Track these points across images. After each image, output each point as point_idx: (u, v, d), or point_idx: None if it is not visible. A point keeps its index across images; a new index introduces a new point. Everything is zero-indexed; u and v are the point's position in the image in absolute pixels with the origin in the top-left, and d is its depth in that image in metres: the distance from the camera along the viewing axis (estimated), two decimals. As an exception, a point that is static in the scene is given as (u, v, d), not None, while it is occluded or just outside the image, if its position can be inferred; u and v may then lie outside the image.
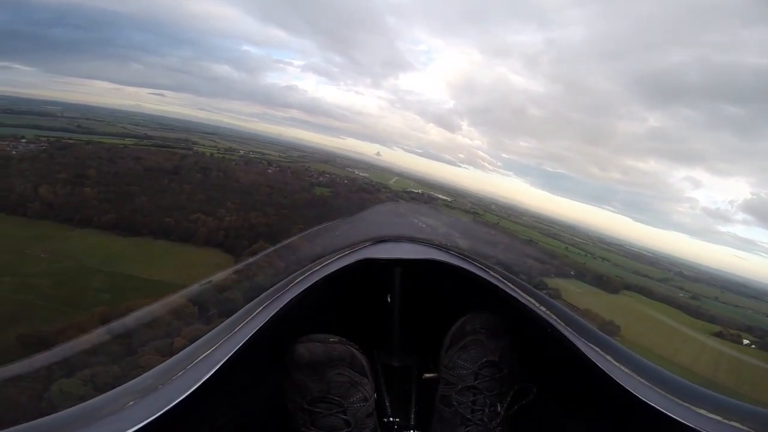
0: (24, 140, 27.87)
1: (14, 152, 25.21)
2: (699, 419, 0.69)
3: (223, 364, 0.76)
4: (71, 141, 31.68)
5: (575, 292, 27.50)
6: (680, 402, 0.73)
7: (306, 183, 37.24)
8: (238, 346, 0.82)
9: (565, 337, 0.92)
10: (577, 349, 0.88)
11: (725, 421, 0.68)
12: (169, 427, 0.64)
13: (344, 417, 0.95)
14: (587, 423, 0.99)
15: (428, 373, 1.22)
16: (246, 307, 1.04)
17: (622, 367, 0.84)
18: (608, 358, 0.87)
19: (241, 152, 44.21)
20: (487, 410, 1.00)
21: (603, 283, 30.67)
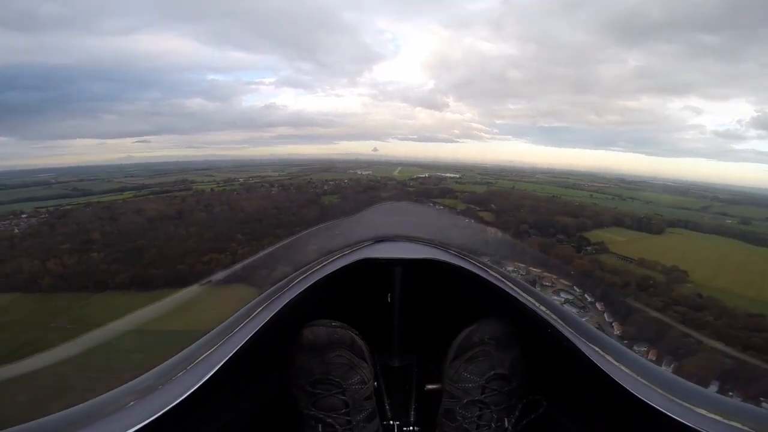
0: (24, 215, 27.51)
1: (17, 230, 24.80)
2: (699, 419, 0.68)
3: (223, 364, 0.76)
4: (69, 206, 31.36)
5: (620, 242, 26.16)
6: (680, 402, 0.73)
7: (312, 195, 36.55)
8: (238, 347, 0.81)
9: (565, 337, 0.89)
10: (578, 349, 0.86)
11: (725, 421, 0.67)
12: (169, 427, 0.64)
13: (343, 398, 0.96)
14: (587, 422, 0.96)
15: (430, 382, 1.21)
16: (246, 307, 1.03)
17: (622, 367, 0.83)
18: (608, 358, 0.86)
19: (241, 180, 44.12)
20: (493, 425, 0.96)
21: (645, 225, 29.35)
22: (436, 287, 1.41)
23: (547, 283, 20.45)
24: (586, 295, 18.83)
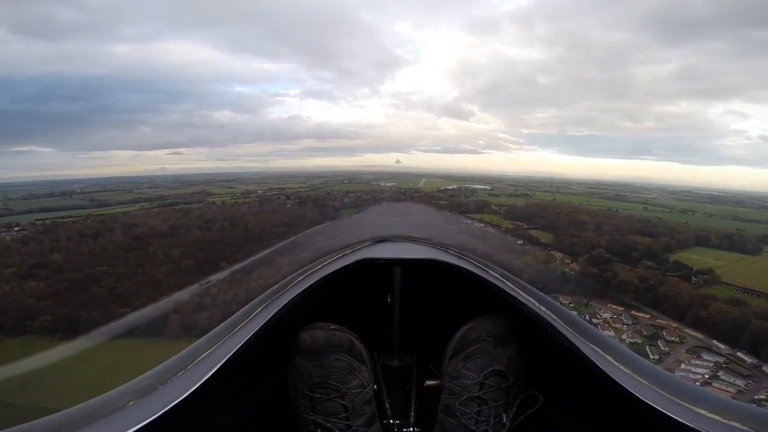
0: (17, 228, 24.90)
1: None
2: (699, 419, 0.65)
3: (223, 364, 0.74)
4: (71, 218, 27.79)
5: (720, 266, 19.44)
6: (680, 402, 0.70)
7: (329, 209, 31.22)
8: (237, 346, 0.79)
9: (565, 337, 0.86)
10: (578, 349, 0.83)
11: (725, 421, 0.65)
12: (169, 427, 0.63)
13: (342, 402, 0.93)
14: (587, 423, 0.94)
15: (429, 378, 1.18)
16: (246, 307, 1.01)
17: (622, 367, 0.80)
18: (608, 358, 0.83)
19: (259, 192, 40.22)
20: (492, 421, 0.93)
21: (736, 244, 22.27)
22: (436, 287, 1.35)
23: (672, 338, 13.76)
24: (740, 354, 12.38)
